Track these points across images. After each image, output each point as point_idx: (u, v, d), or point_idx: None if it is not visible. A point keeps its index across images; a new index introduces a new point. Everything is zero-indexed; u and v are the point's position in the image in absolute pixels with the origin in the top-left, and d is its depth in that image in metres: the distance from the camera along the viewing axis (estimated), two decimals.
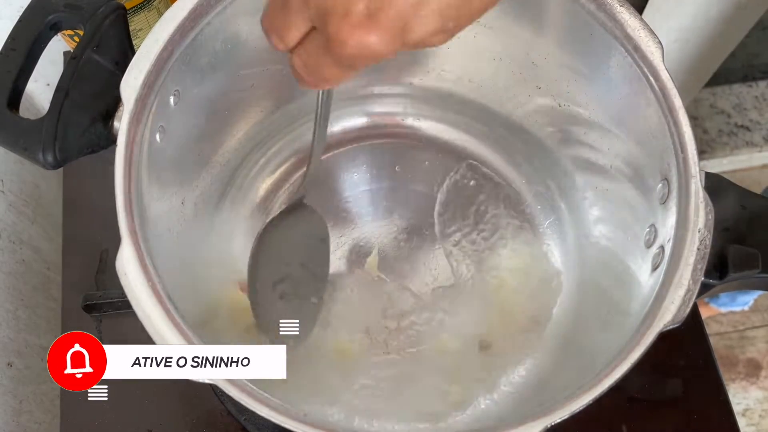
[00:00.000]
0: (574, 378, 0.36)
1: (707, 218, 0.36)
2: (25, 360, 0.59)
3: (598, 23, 0.41)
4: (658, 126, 0.39)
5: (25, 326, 0.59)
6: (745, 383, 1.17)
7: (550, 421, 0.32)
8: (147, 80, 0.38)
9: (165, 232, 0.43)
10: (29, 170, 0.65)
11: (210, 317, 0.49)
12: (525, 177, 0.57)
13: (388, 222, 0.56)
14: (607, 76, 0.44)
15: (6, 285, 0.58)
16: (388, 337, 0.52)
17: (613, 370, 0.34)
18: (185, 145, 0.46)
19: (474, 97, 0.56)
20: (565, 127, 0.51)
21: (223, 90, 0.48)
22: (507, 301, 0.52)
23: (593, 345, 0.45)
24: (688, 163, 0.37)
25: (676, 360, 0.54)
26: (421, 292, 0.53)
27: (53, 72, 0.62)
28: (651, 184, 0.41)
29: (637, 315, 0.37)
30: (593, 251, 0.52)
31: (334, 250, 0.54)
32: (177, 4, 0.40)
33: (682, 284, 0.35)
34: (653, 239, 0.40)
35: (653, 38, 0.40)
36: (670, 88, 0.39)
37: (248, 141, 0.56)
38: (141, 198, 0.37)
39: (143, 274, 0.34)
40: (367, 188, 0.57)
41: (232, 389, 0.32)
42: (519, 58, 0.50)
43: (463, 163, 0.58)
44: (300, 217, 0.50)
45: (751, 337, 1.20)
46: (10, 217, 0.60)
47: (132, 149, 0.37)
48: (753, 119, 1.33)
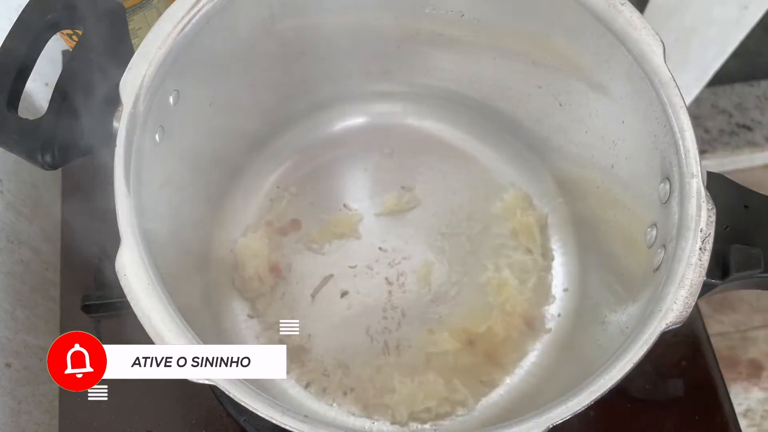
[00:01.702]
0: (576, 378, 0.36)
1: (709, 218, 0.36)
2: (23, 360, 0.58)
3: (600, 22, 0.41)
4: (660, 125, 0.39)
5: (23, 327, 0.59)
6: (747, 384, 1.16)
7: (552, 422, 0.32)
8: (146, 80, 0.38)
9: (164, 233, 0.42)
10: (28, 170, 0.65)
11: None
12: (525, 176, 0.57)
13: (388, 222, 0.56)
14: (608, 75, 0.44)
15: (4, 285, 0.58)
16: (388, 337, 0.51)
17: (615, 370, 0.33)
18: (185, 145, 0.46)
19: (474, 96, 0.56)
20: (566, 126, 0.51)
21: (222, 89, 0.48)
22: (508, 301, 0.52)
23: (594, 345, 0.45)
24: (689, 162, 0.37)
25: (677, 360, 0.54)
26: (421, 292, 0.53)
27: (52, 71, 0.62)
28: (653, 184, 0.41)
29: (638, 315, 0.37)
30: (594, 251, 0.52)
31: (335, 250, 0.54)
32: (176, 4, 0.40)
33: (684, 284, 0.35)
34: (655, 239, 0.40)
35: (655, 37, 0.40)
36: (672, 88, 0.38)
37: (248, 140, 0.56)
38: (140, 198, 0.37)
39: (143, 275, 0.34)
40: (367, 188, 0.57)
41: (232, 389, 0.32)
42: (519, 57, 0.50)
43: (464, 163, 0.58)
44: None
45: (753, 337, 1.19)
46: (9, 217, 0.60)
47: (131, 149, 0.37)
48: (755, 119, 1.33)
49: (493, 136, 0.58)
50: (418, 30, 0.51)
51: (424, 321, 0.52)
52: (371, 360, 0.51)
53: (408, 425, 0.48)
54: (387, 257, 0.54)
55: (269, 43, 0.48)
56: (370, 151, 0.58)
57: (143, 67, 0.38)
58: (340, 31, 0.51)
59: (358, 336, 0.52)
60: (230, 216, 0.55)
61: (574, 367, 0.47)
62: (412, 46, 0.53)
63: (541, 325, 0.52)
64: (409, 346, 0.51)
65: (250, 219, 0.55)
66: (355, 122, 0.59)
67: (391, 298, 0.53)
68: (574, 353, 0.49)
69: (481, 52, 0.52)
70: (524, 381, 0.50)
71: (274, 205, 0.56)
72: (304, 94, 0.56)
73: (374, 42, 0.53)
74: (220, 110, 0.49)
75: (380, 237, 0.55)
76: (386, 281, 0.53)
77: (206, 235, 0.53)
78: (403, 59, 0.55)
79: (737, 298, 1.21)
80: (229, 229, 0.55)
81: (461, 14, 0.49)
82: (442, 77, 0.56)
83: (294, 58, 0.52)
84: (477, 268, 0.54)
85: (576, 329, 0.51)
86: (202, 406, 0.51)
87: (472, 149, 0.59)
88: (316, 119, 0.58)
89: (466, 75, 0.55)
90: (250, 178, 0.56)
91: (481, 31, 0.50)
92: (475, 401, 0.50)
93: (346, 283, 0.53)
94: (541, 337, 0.52)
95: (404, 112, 0.59)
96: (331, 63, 0.54)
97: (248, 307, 0.52)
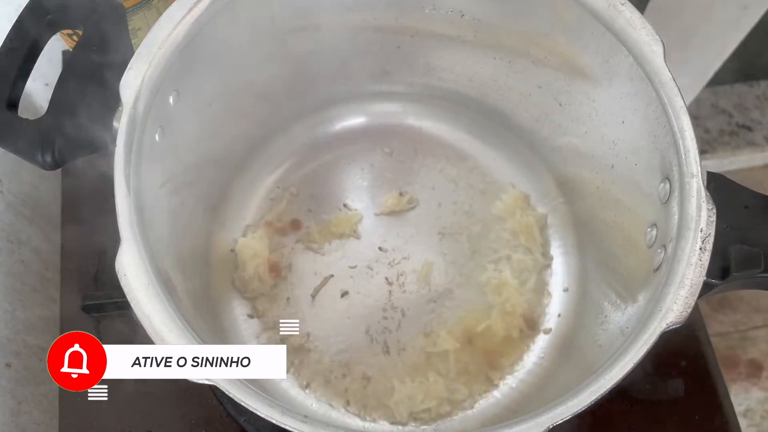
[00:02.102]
0: (576, 378, 0.36)
1: (709, 218, 0.36)
2: (23, 361, 0.58)
3: (600, 22, 0.41)
4: (660, 125, 0.39)
5: (23, 327, 0.59)
6: (747, 384, 1.16)
7: (552, 422, 0.32)
8: (146, 80, 0.38)
9: (164, 233, 0.42)
10: (28, 170, 0.65)
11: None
12: (525, 176, 0.57)
13: (388, 222, 0.56)
14: (608, 75, 0.44)
15: (4, 285, 0.58)
16: (388, 337, 0.52)
17: (615, 370, 0.33)
18: (185, 145, 0.46)
19: (474, 96, 0.56)
20: (566, 126, 0.51)
21: (222, 89, 0.48)
22: (507, 301, 0.52)
23: (594, 345, 0.45)
24: (689, 162, 0.37)
25: (677, 360, 0.53)
26: (421, 292, 0.53)
27: (52, 71, 0.61)
28: (653, 184, 0.41)
29: (638, 315, 0.37)
30: (594, 251, 0.52)
31: (335, 250, 0.54)
32: (176, 4, 0.40)
33: (684, 284, 0.35)
34: (655, 239, 0.40)
35: (655, 37, 0.40)
36: (672, 88, 0.38)
37: (248, 140, 0.56)
38: (140, 198, 0.37)
39: (143, 275, 0.34)
40: (367, 188, 0.57)
41: (232, 389, 0.32)
42: (519, 57, 0.50)
43: (464, 164, 0.58)
44: None
45: (753, 337, 1.19)
46: (9, 218, 0.60)
47: (131, 149, 0.37)
48: (754, 119, 1.33)
49: (493, 136, 0.58)
50: (418, 30, 0.52)
51: (424, 321, 0.52)
52: (371, 360, 0.51)
53: (408, 425, 0.48)
54: (387, 257, 0.54)
55: (269, 44, 0.49)
56: (370, 151, 0.58)
57: (143, 67, 0.38)
58: (340, 31, 0.51)
59: (358, 336, 0.52)
60: (230, 216, 0.55)
61: (574, 367, 0.47)
62: (413, 46, 0.53)
63: (540, 325, 0.52)
64: (409, 346, 0.51)
65: (250, 219, 0.55)
66: (355, 122, 0.59)
67: (391, 298, 0.53)
68: (574, 353, 0.49)
69: (481, 52, 0.52)
70: (524, 381, 0.50)
71: (274, 205, 0.56)
72: (304, 93, 0.56)
73: (374, 42, 0.53)
74: (220, 110, 0.49)
75: (380, 237, 0.55)
76: (386, 281, 0.53)
77: (206, 235, 0.53)
78: (403, 59, 0.55)
79: (737, 298, 1.21)
80: (229, 229, 0.55)
81: (461, 14, 0.49)
82: (442, 77, 0.56)
83: (294, 58, 0.52)
84: (477, 268, 0.54)
85: (576, 329, 0.51)
86: (202, 406, 0.51)
87: (472, 149, 0.59)
88: (316, 119, 0.58)
89: (466, 75, 0.55)
90: (250, 178, 0.56)
91: (481, 31, 0.50)
92: (475, 401, 0.50)
93: (346, 283, 0.53)
94: (541, 337, 0.52)
95: (404, 112, 0.59)
96: (331, 63, 0.54)
97: (248, 306, 0.52)
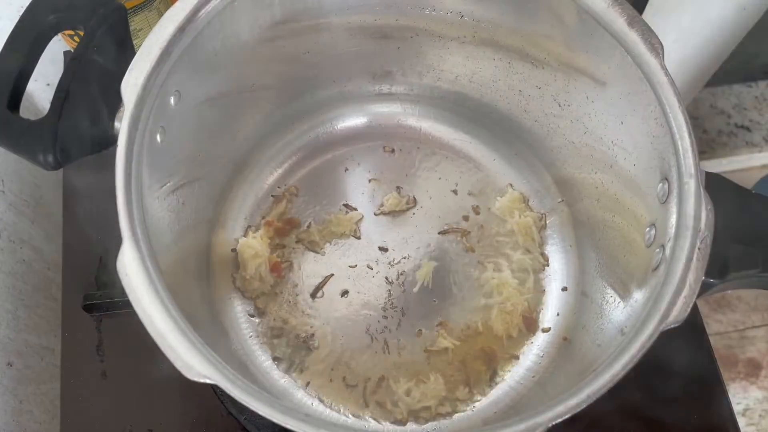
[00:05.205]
0: (574, 378, 0.36)
1: (708, 217, 0.36)
2: (25, 360, 0.59)
3: (598, 23, 0.41)
4: (658, 126, 0.39)
5: (25, 326, 0.59)
6: (745, 383, 1.16)
7: (552, 421, 0.32)
8: (147, 80, 0.38)
9: (166, 233, 0.43)
10: (29, 170, 0.65)
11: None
12: (525, 176, 0.57)
13: (389, 221, 0.56)
14: (607, 75, 0.44)
15: (6, 285, 0.58)
16: (388, 336, 0.52)
17: (614, 370, 0.34)
18: (186, 146, 0.46)
19: (474, 96, 0.56)
20: (565, 126, 0.51)
21: (223, 90, 0.48)
22: (507, 300, 0.52)
23: (593, 345, 0.45)
24: (688, 162, 0.37)
25: (676, 360, 0.54)
26: (421, 292, 0.53)
27: (53, 72, 0.62)
28: (651, 184, 0.41)
29: (637, 314, 0.37)
30: (593, 251, 0.52)
31: (335, 250, 0.54)
32: (177, 5, 0.40)
33: (683, 284, 0.35)
34: (654, 238, 0.40)
35: (653, 38, 0.40)
36: (670, 88, 0.39)
37: (248, 141, 0.56)
38: (142, 198, 0.37)
39: (144, 275, 0.34)
40: (367, 187, 0.57)
41: (232, 389, 0.32)
42: (519, 58, 0.50)
43: (464, 163, 0.58)
44: None
45: (751, 336, 1.20)
46: (10, 217, 0.60)
47: (132, 149, 0.37)
48: (753, 119, 1.33)
49: (493, 136, 0.58)
50: (418, 31, 0.52)
51: (424, 320, 0.52)
52: (371, 359, 0.51)
53: (408, 424, 0.49)
54: (387, 257, 0.55)
55: (270, 44, 0.49)
56: (370, 151, 0.59)
57: (145, 68, 0.38)
58: (341, 31, 0.51)
59: (358, 335, 0.52)
60: (231, 216, 0.55)
61: (574, 366, 0.47)
62: (413, 46, 0.53)
63: (540, 324, 0.52)
64: (409, 346, 0.51)
65: (250, 219, 0.55)
66: (356, 122, 0.59)
67: (391, 297, 0.53)
68: (574, 353, 0.49)
69: (481, 52, 0.52)
70: (524, 380, 0.50)
71: (275, 205, 0.56)
72: (305, 94, 0.56)
73: (375, 43, 0.53)
74: (221, 110, 0.49)
75: (380, 237, 0.55)
76: (386, 281, 0.54)
77: (207, 234, 0.53)
78: (404, 60, 0.55)
79: (735, 298, 1.22)
80: (229, 228, 0.55)
81: (461, 15, 0.49)
82: (442, 78, 0.56)
83: (295, 58, 0.52)
84: (476, 267, 0.54)
85: (575, 329, 0.51)
86: (202, 405, 0.51)
87: (472, 149, 0.59)
88: (317, 119, 0.58)
89: (466, 75, 0.55)
90: (251, 178, 0.56)
91: (481, 31, 0.50)
92: (475, 400, 0.50)
93: (346, 282, 0.54)
94: (540, 337, 0.52)
95: (404, 112, 0.59)
96: (331, 63, 0.54)
97: (249, 306, 0.52)
